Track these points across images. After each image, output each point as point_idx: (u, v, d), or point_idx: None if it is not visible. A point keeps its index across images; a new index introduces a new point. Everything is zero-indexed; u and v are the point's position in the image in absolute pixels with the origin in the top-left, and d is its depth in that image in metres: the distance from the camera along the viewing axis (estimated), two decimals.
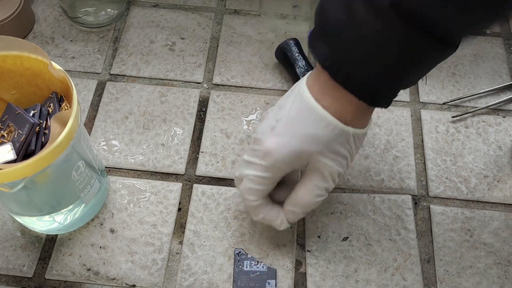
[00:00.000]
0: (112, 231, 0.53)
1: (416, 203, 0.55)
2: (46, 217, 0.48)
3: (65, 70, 0.64)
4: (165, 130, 0.60)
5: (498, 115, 0.62)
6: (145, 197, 0.55)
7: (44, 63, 0.43)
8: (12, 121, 0.43)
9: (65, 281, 0.51)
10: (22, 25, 0.67)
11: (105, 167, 0.57)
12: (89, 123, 0.60)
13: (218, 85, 0.64)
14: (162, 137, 0.60)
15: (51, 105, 0.45)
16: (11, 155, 0.41)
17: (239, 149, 0.59)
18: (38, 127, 0.43)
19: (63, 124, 0.39)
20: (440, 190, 0.56)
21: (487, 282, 0.50)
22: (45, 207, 0.47)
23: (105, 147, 0.59)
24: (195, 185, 0.56)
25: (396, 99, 0.63)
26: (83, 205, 0.50)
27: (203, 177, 0.57)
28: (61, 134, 0.38)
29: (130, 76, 0.65)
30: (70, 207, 0.48)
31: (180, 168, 0.57)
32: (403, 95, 0.64)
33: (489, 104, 0.62)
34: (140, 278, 0.51)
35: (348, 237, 0.53)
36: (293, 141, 0.41)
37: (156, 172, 0.57)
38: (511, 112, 0.62)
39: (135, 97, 0.63)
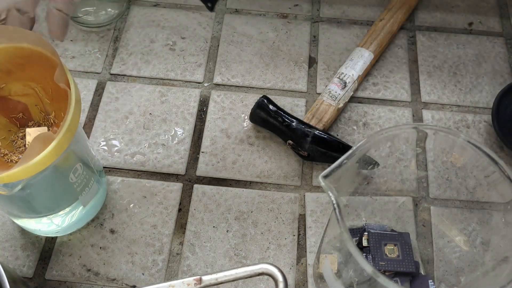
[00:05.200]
0: (112, 231, 0.53)
1: (416, 205, 0.55)
2: (44, 219, 0.48)
3: None
4: (165, 130, 0.60)
5: None
6: (145, 197, 0.55)
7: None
8: None
9: (65, 282, 0.51)
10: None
11: (105, 167, 0.57)
12: (89, 123, 0.60)
13: (218, 84, 0.64)
14: (162, 137, 0.59)
15: None
16: None
17: (239, 149, 0.59)
18: None
19: (46, 143, 0.38)
20: (441, 191, 0.56)
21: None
22: (43, 209, 0.47)
23: (105, 147, 0.59)
24: (195, 186, 0.56)
25: (397, 99, 0.63)
26: (81, 207, 0.50)
27: (204, 177, 0.57)
28: (41, 152, 0.38)
29: (130, 75, 0.64)
30: (68, 209, 0.48)
31: (181, 168, 0.57)
32: (405, 95, 0.64)
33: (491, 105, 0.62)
34: (141, 279, 0.51)
35: None
36: None
37: (156, 172, 0.57)
38: None
39: (135, 97, 0.62)
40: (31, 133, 0.47)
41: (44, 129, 0.49)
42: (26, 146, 0.48)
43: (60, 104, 0.48)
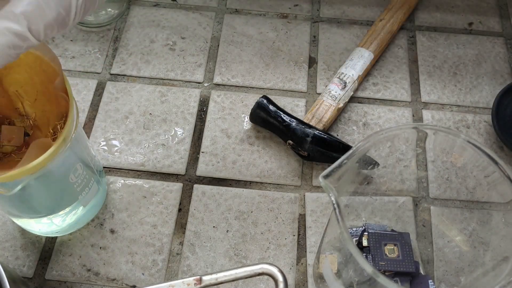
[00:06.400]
0: (112, 231, 0.53)
1: (416, 205, 0.55)
2: (44, 219, 0.48)
3: (65, 70, 0.64)
4: (165, 130, 0.60)
5: None
6: (145, 197, 0.55)
7: (56, 73, 0.43)
8: None
9: (65, 282, 0.51)
10: None
11: (105, 167, 0.57)
12: (89, 123, 0.60)
13: (218, 84, 0.64)
14: (162, 137, 0.59)
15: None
16: None
17: (239, 149, 0.59)
18: None
19: (43, 150, 0.39)
20: (441, 191, 0.56)
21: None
22: (43, 209, 0.47)
23: (105, 147, 0.59)
24: (195, 185, 0.56)
25: (397, 99, 0.63)
26: (81, 207, 0.50)
27: (204, 177, 0.57)
28: (36, 159, 0.38)
29: (130, 75, 0.64)
30: (68, 209, 0.48)
31: (181, 168, 0.57)
32: (405, 95, 0.64)
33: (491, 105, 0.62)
34: (141, 279, 0.51)
35: None
36: None
37: (156, 172, 0.57)
38: None
39: (135, 97, 0.62)
40: (5, 131, 0.47)
41: (20, 128, 0.48)
42: (1, 142, 0.47)
43: (45, 107, 0.47)
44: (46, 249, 0.52)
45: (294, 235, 0.53)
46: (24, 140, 0.47)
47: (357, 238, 0.51)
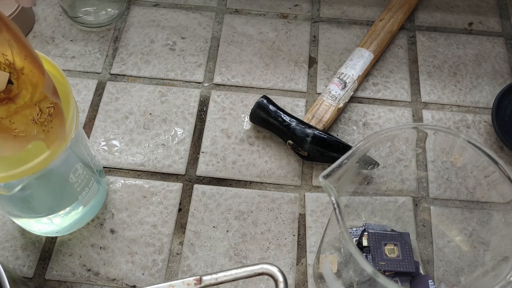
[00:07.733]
0: (112, 231, 0.53)
1: (416, 205, 0.55)
2: (44, 219, 0.48)
3: (65, 70, 0.64)
4: (165, 130, 0.60)
5: None
6: (145, 197, 0.55)
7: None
8: None
9: (65, 282, 0.51)
10: (22, 25, 0.66)
11: (105, 167, 0.57)
12: (89, 123, 0.60)
13: (218, 84, 0.64)
14: (162, 137, 0.59)
15: None
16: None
17: (239, 149, 0.59)
18: None
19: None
20: (441, 191, 0.56)
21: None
22: (43, 209, 0.47)
23: (105, 147, 0.59)
24: (195, 185, 0.56)
25: (397, 99, 0.63)
26: (81, 207, 0.50)
27: (204, 177, 0.57)
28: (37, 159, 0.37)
29: (130, 76, 0.64)
30: (68, 209, 0.48)
31: (181, 168, 0.57)
32: (405, 95, 0.64)
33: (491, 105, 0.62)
34: (141, 279, 0.51)
35: None
36: None
37: (156, 172, 0.57)
38: None
39: (135, 97, 0.62)
40: None
41: (4, 73, 0.45)
42: None
43: (34, 70, 0.44)
44: (46, 249, 0.52)
45: (294, 235, 0.54)
46: (6, 87, 0.44)
47: (357, 238, 0.51)
